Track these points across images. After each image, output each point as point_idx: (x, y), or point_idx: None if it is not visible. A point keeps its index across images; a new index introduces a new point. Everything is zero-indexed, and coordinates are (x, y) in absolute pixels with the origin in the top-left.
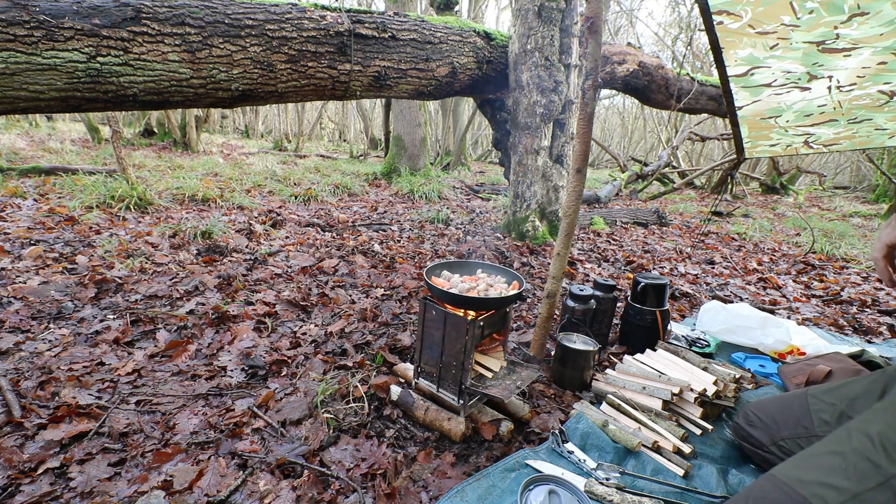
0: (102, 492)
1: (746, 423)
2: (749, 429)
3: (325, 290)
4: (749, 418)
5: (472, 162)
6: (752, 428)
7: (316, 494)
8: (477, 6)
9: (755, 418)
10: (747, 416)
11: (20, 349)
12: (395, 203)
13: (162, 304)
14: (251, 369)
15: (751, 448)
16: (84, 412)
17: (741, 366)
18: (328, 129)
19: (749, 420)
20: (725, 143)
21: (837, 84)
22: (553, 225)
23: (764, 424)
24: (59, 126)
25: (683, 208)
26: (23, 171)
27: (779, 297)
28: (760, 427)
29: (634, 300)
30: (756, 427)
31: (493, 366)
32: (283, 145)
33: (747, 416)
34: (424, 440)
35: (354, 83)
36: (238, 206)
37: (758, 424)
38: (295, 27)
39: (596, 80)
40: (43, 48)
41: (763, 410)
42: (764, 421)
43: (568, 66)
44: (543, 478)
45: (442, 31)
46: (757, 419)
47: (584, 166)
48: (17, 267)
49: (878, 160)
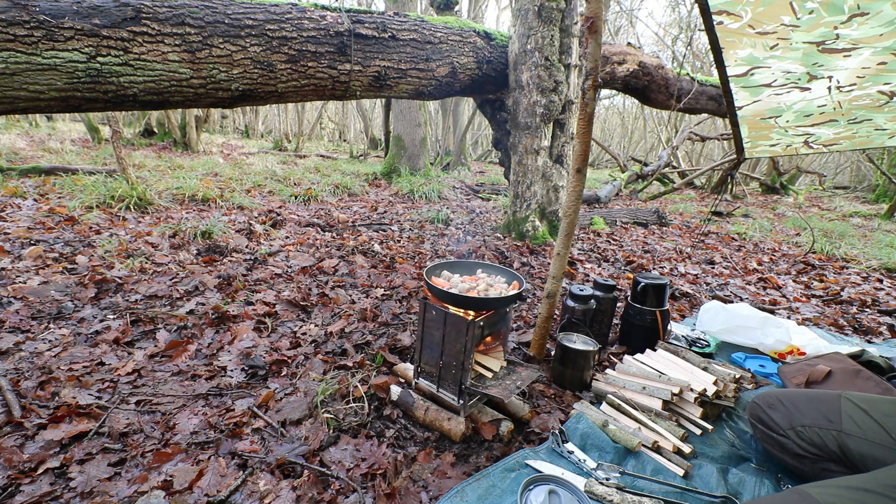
0: (102, 492)
1: (766, 405)
2: (768, 410)
3: (325, 290)
4: (769, 401)
5: (472, 162)
6: (771, 410)
7: (316, 494)
8: (477, 6)
9: (777, 402)
10: (767, 399)
11: (20, 349)
12: (395, 203)
13: (162, 304)
14: (251, 369)
15: (764, 430)
16: (84, 412)
17: (741, 366)
18: (328, 129)
19: (769, 403)
20: (725, 143)
21: (837, 84)
22: (553, 225)
23: (785, 409)
24: (59, 126)
25: (683, 208)
26: (23, 171)
27: (779, 297)
28: (781, 411)
29: (634, 300)
30: (776, 410)
31: (493, 366)
32: (283, 145)
33: (767, 399)
34: (424, 440)
35: (354, 83)
36: (238, 206)
37: (778, 408)
38: (295, 27)
39: (596, 80)
40: (43, 48)
41: (787, 398)
42: (786, 406)
43: (568, 66)
44: (543, 478)
45: (442, 31)
46: (779, 403)
47: (584, 166)
48: (17, 267)
49: (878, 160)
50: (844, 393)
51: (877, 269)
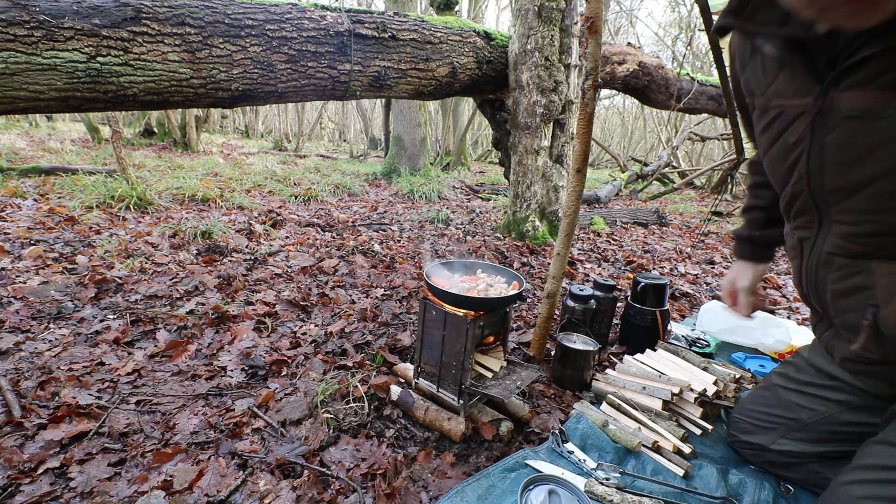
0: (102, 492)
1: (740, 431)
2: (745, 437)
3: (325, 290)
4: (740, 426)
5: (472, 162)
6: (747, 435)
7: (316, 494)
8: (477, 6)
9: (746, 424)
10: (737, 423)
11: (20, 349)
12: (395, 203)
13: (162, 304)
14: (251, 369)
15: (754, 454)
16: (84, 412)
17: (741, 366)
18: (328, 129)
19: (741, 428)
20: (725, 143)
21: None
22: (553, 225)
23: (756, 428)
24: (59, 126)
25: (683, 208)
26: (23, 171)
27: (779, 297)
28: (754, 432)
29: (634, 300)
30: (750, 433)
31: (493, 366)
32: (283, 145)
33: (737, 423)
34: (424, 440)
35: (354, 83)
36: (238, 206)
37: (751, 430)
38: (295, 27)
39: (596, 80)
40: (43, 48)
41: (746, 414)
42: (754, 424)
43: (568, 66)
44: (543, 478)
45: (442, 31)
46: (748, 424)
47: (584, 166)
48: (17, 267)
49: None
50: (773, 379)
51: None
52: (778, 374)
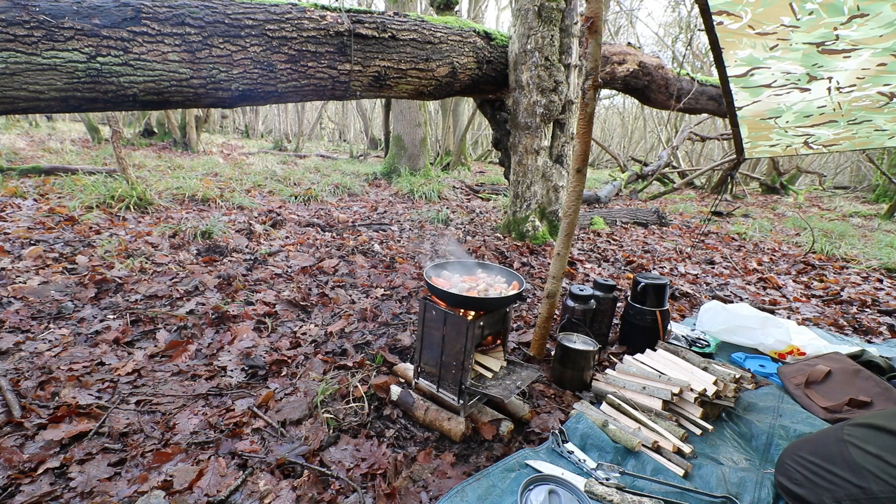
0: (102, 492)
1: (790, 480)
2: (794, 487)
3: (325, 290)
4: (790, 474)
5: (472, 162)
6: (797, 486)
7: (316, 494)
8: (477, 6)
9: (798, 475)
10: (787, 470)
11: (20, 349)
12: (395, 203)
13: (162, 304)
14: (251, 369)
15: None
16: (84, 412)
17: (741, 366)
18: (328, 129)
19: (792, 477)
20: (725, 143)
21: (837, 85)
22: (553, 225)
23: (809, 482)
24: (59, 126)
25: (683, 208)
26: (23, 171)
27: (779, 297)
28: (805, 485)
29: (634, 300)
30: (801, 486)
31: (493, 366)
32: (283, 145)
33: (787, 470)
34: (424, 440)
35: (354, 83)
36: (238, 206)
37: (803, 483)
38: (295, 27)
39: (596, 80)
40: (43, 48)
41: (800, 462)
42: (808, 478)
43: (568, 66)
44: (543, 478)
45: (442, 31)
46: (800, 476)
47: (584, 166)
48: (17, 267)
49: (879, 160)
50: (845, 432)
51: (877, 269)
52: (854, 431)
